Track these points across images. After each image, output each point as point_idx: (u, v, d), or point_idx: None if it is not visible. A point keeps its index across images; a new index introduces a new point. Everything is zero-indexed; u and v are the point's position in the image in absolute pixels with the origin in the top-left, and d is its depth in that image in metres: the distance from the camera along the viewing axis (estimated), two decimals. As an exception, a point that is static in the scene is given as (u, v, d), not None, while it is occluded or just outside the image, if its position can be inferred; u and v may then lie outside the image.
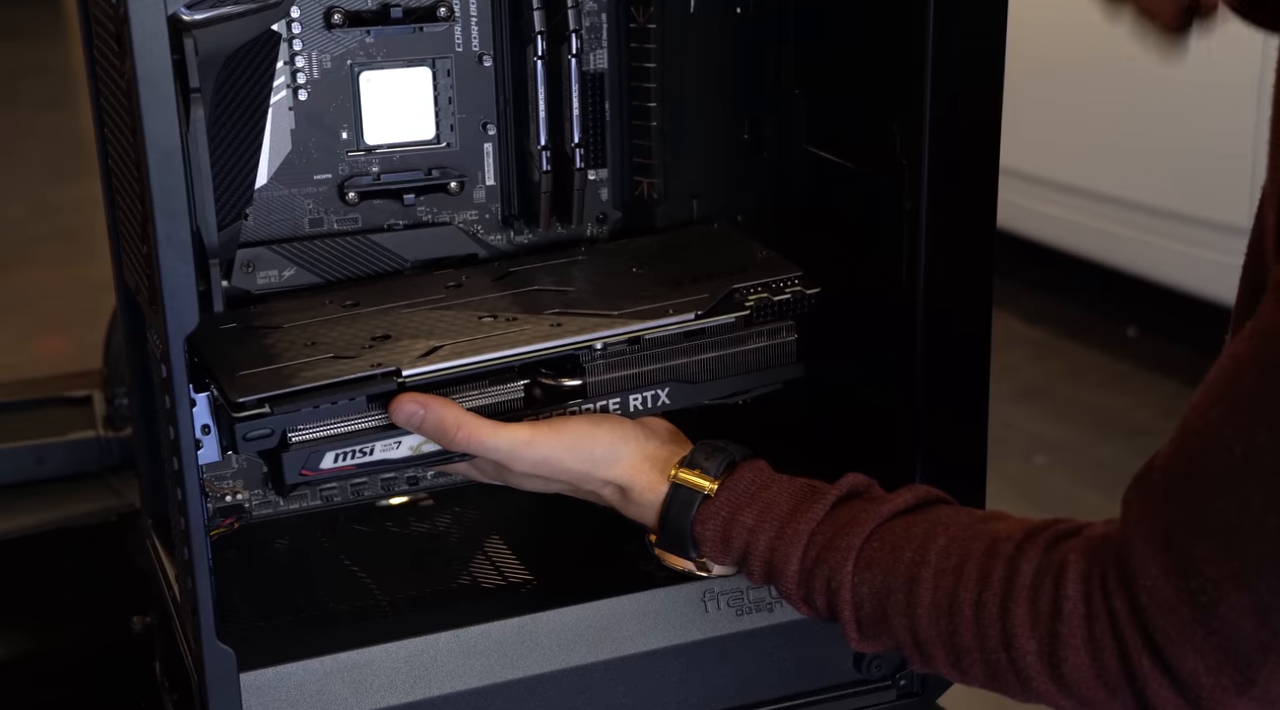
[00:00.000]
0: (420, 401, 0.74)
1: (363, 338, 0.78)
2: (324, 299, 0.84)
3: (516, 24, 0.86)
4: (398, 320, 0.80)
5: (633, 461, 0.76)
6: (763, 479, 0.74)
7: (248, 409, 0.72)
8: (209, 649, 0.71)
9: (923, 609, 0.67)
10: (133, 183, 0.71)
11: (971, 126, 0.78)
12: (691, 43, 0.89)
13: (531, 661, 0.79)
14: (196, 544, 0.71)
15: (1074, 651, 0.62)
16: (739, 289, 0.82)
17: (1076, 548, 0.64)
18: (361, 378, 0.74)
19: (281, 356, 0.76)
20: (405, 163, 0.87)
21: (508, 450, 0.75)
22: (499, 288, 0.84)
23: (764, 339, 0.82)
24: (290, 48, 0.83)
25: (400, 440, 0.76)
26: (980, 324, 0.81)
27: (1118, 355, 3.15)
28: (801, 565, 0.71)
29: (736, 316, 0.81)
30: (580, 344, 0.78)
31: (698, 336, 0.80)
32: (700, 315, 0.80)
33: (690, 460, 0.75)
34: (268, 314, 0.82)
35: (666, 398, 0.80)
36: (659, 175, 0.90)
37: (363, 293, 0.84)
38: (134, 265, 0.77)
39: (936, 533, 0.68)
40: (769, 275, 0.83)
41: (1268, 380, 0.56)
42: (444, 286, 0.85)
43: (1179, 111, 2.71)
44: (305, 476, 0.74)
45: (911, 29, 0.76)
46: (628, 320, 0.79)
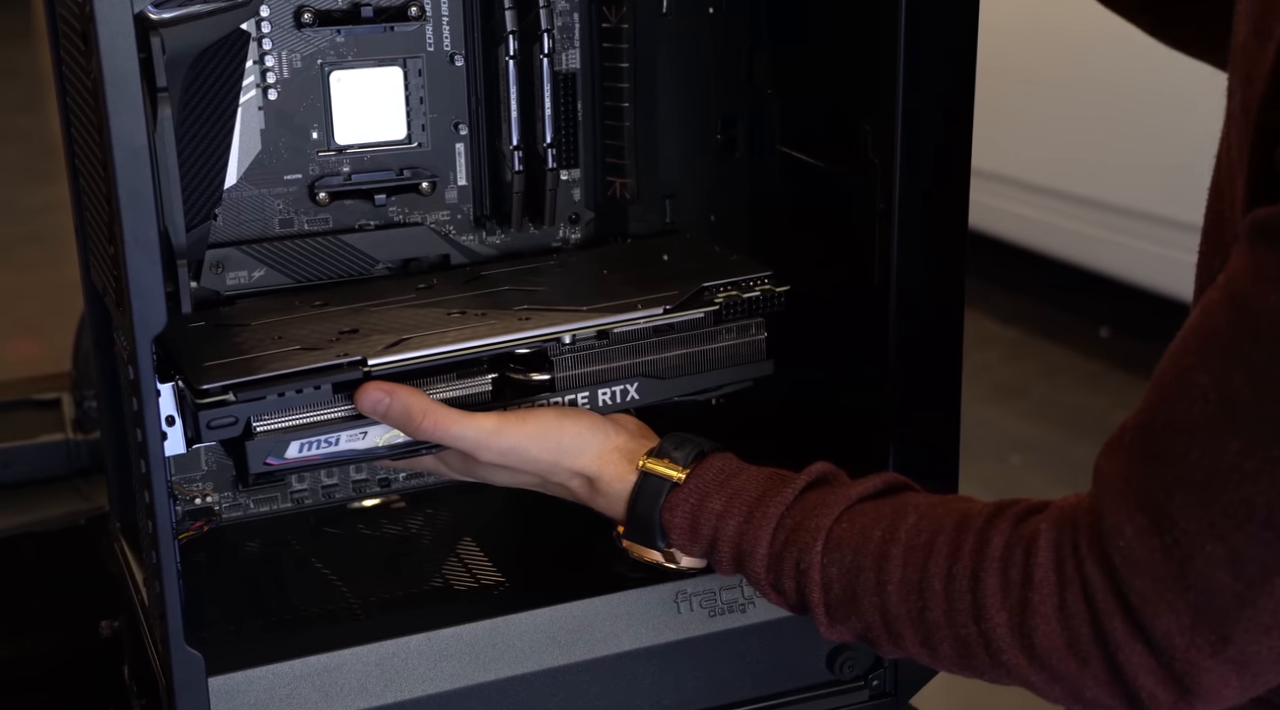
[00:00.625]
0: (386, 389, 0.74)
1: (331, 333, 0.78)
2: (294, 300, 0.83)
3: (488, 23, 0.86)
4: (367, 317, 0.80)
5: (600, 452, 0.75)
6: (731, 468, 0.74)
7: (211, 396, 0.72)
8: (177, 653, 0.71)
9: (893, 586, 0.67)
10: (99, 183, 0.70)
11: (943, 127, 0.78)
12: (664, 43, 0.89)
13: (504, 664, 0.78)
14: (164, 547, 0.70)
15: (1045, 620, 0.62)
16: (708, 287, 0.82)
17: (1047, 517, 0.64)
18: (327, 366, 0.74)
19: (248, 350, 0.76)
20: (376, 163, 0.87)
21: (474, 439, 0.74)
22: (469, 289, 0.84)
23: (733, 336, 0.82)
24: (260, 47, 0.83)
25: (366, 431, 0.75)
26: (952, 323, 0.81)
27: (1092, 355, 3.17)
28: (770, 548, 0.71)
29: (705, 312, 0.81)
30: (548, 336, 0.78)
31: (667, 332, 0.80)
32: (669, 310, 0.80)
33: (659, 450, 0.75)
34: (237, 313, 0.82)
35: (636, 393, 0.80)
36: (632, 175, 0.90)
37: (332, 294, 0.84)
38: (101, 267, 0.76)
39: (906, 512, 0.68)
40: (738, 274, 0.83)
41: (1239, 325, 0.56)
42: (414, 288, 0.84)
43: (1152, 113, 2.72)
44: (270, 466, 0.74)
45: (884, 29, 0.76)
46: (596, 315, 0.79)
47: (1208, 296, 0.59)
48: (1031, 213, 3.18)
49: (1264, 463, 0.55)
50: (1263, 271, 0.55)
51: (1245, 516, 0.56)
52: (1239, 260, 0.57)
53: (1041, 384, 3.06)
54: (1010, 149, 3.04)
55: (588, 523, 0.79)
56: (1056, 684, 0.63)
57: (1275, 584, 0.57)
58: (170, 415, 0.73)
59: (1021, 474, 2.69)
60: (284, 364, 0.74)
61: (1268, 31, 0.57)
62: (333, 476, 0.90)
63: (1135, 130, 2.78)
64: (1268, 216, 0.55)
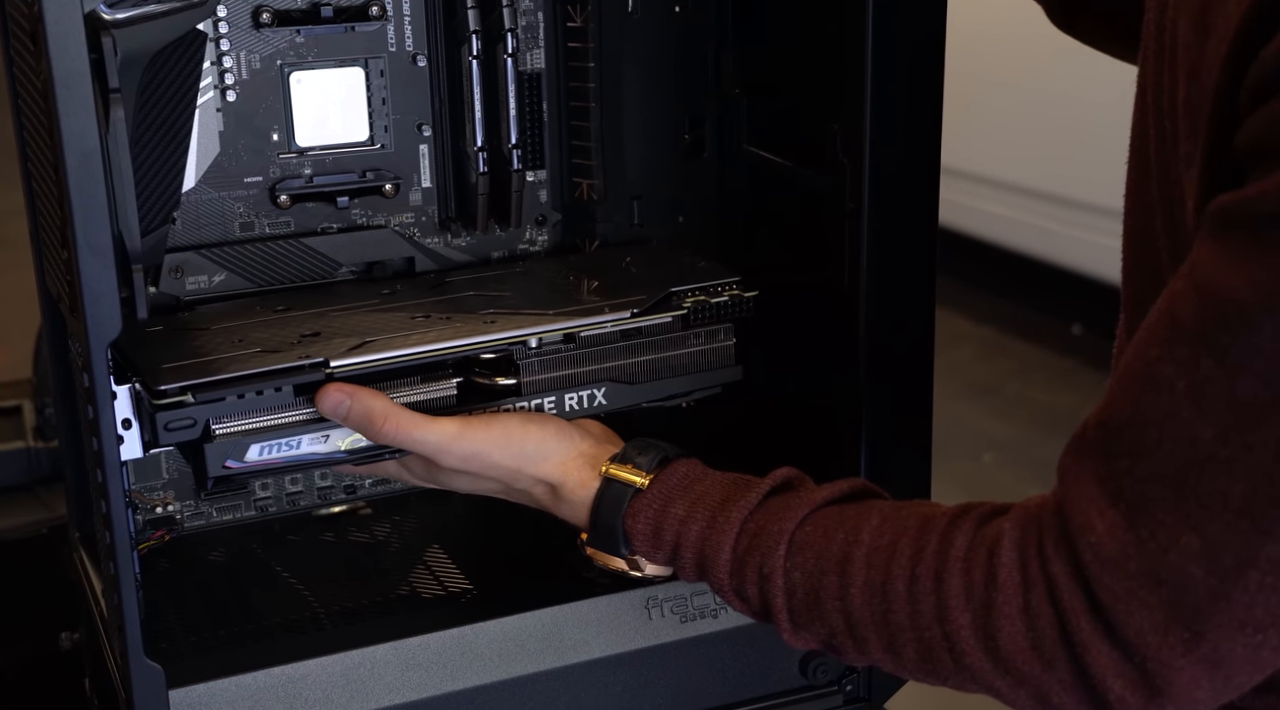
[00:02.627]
0: (347, 391, 0.73)
1: (292, 336, 0.77)
2: (255, 304, 0.82)
3: (451, 23, 0.85)
4: (330, 321, 0.79)
5: (564, 459, 0.74)
6: (695, 473, 0.73)
7: (169, 397, 0.70)
8: (136, 666, 0.69)
9: (856, 588, 0.66)
10: (52, 186, 0.69)
11: (912, 125, 0.77)
12: (630, 42, 0.88)
13: (472, 673, 0.77)
14: (122, 558, 0.69)
15: (1009, 621, 0.61)
16: (676, 292, 0.81)
17: (1011, 518, 0.63)
18: (288, 368, 0.73)
19: (208, 352, 0.75)
20: (338, 165, 0.85)
21: (436, 444, 0.73)
22: (434, 295, 0.83)
23: (702, 341, 0.81)
24: (217, 47, 0.81)
25: (328, 434, 0.74)
26: (924, 323, 0.80)
27: (1064, 353, 3.18)
28: (734, 553, 0.70)
29: (674, 316, 0.80)
30: (514, 339, 0.77)
31: (635, 336, 0.79)
32: (636, 314, 0.79)
33: (623, 456, 0.74)
34: (196, 318, 0.80)
35: (603, 398, 0.79)
36: (598, 176, 0.89)
37: (295, 299, 0.83)
38: (55, 272, 0.75)
39: (869, 515, 0.68)
40: (706, 280, 0.82)
41: (1208, 311, 0.55)
42: (378, 294, 0.83)
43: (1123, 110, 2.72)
44: (229, 469, 0.72)
45: (851, 28, 0.75)
46: (563, 318, 0.78)
47: (1171, 288, 0.58)
48: (1002, 210, 3.19)
49: (1238, 449, 0.55)
50: (1229, 257, 0.55)
51: (1220, 506, 0.55)
52: (1203, 249, 0.56)
53: (1014, 382, 3.07)
54: (980, 146, 3.04)
55: (556, 529, 0.78)
56: (1021, 688, 0.62)
57: (1249, 577, 0.56)
58: (127, 418, 0.72)
59: (994, 472, 2.69)
60: (244, 366, 0.73)
61: (1209, 27, 0.56)
62: (297, 483, 0.89)
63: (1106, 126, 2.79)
64: (1231, 203, 0.55)
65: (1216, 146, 0.57)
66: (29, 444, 1.14)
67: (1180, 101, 0.60)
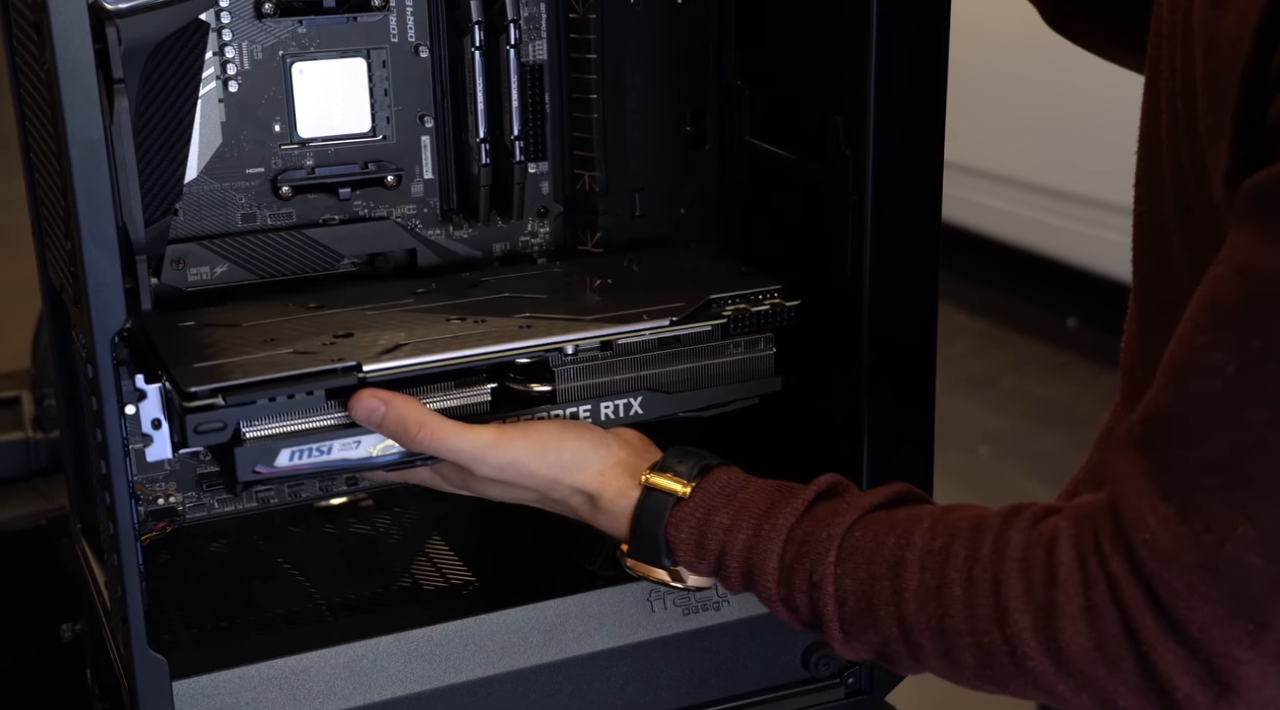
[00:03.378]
0: (381, 398, 0.71)
1: (324, 335, 0.75)
2: (287, 301, 0.81)
3: (453, 13, 0.85)
4: (362, 320, 0.78)
5: (602, 468, 0.73)
6: (738, 480, 0.71)
7: (200, 399, 0.69)
8: (140, 657, 0.69)
9: (910, 593, 0.64)
10: (55, 177, 0.68)
11: (915, 118, 0.77)
12: (632, 34, 0.87)
13: (475, 665, 0.77)
14: (126, 550, 0.69)
15: (1071, 621, 0.59)
16: (716, 299, 0.79)
17: (1066, 516, 0.61)
18: (320, 371, 0.71)
19: (238, 351, 0.73)
20: (340, 156, 0.85)
21: (471, 452, 0.72)
22: (470, 295, 0.82)
23: (741, 350, 0.79)
24: (220, 38, 0.81)
25: (360, 440, 0.72)
26: (925, 315, 0.80)
27: (1059, 346, 3.18)
28: (781, 561, 0.68)
29: (713, 325, 0.78)
30: (550, 346, 0.75)
31: (673, 345, 0.78)
32: (675, 322, 0.77)
33: (662, 464, 0.72)
34: (227, 313, 0.79)
35: (639, 407, 0.77)
36: (600, 168, 0.89)
37: (327, 295, 0.82)
38: (58, 263, 0.74)
39: (920, 518, 0.66)
40: (746, 287, 0.80)
41: (1254, 293, 0.54)
42: (413, 292, 0.82)
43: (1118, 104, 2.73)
44: (259, 474, 0.71)
45: (854, 20, 0.75)
46: (600, 324, 0.76)
47: (1211, 274, 0.57)
48: (999, 204, 3.19)
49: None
50: (1267, 236, 0.54)
51: (1277, 492, 0.54)
52: (1239, 232, 0.55)
53: (1010, 375, 3.07)
54: (977, 140, 3.04)
55: (558, 522, 0.78)
56: (1085, 691, 0.60)
57: None
58: (156, 419, 0.71)
59: (990, 465, 2.69)
60: (275, 367, 0.71)
61: (1224, 1, 0.56)
62: (298, 475, 0.89)
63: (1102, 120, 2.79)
64: (1265, 180, 0.54)
65: (1247, 118, 0.56)
66: (28, 435, 1.14)
67: (1198, 78, 0.59)
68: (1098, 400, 2.84)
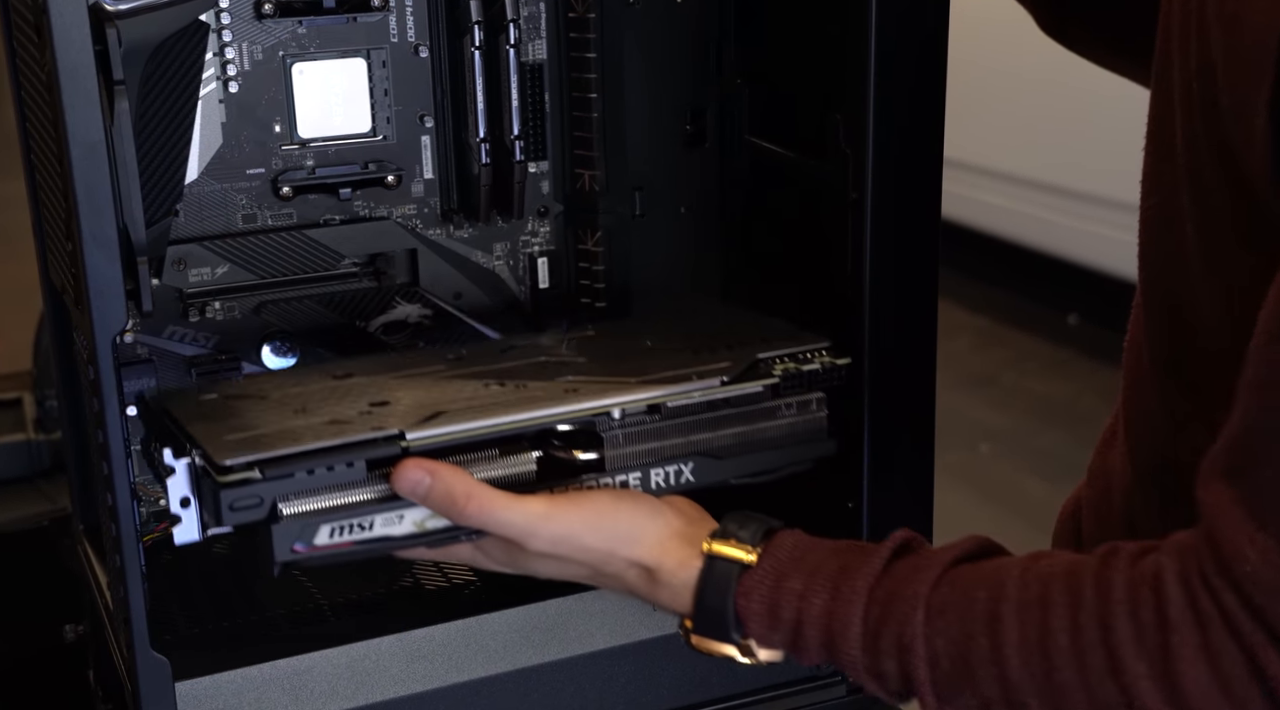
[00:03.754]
0: (427, 468, 0.67)
1: (358, 404, 0.71)
2: (312, 370, 0.78)
3: (453, 13, 0.85)
4: (396, 388, 0.74)
5: (659, 538, 0.68)
6: (805, 542, 0.67)
7: (235, 473, 0.65)
8: (142, 658, 0.69)
9: (1010, 649, 0.59)
10: (56, 178, 0.69)
11: (915, 115, 0.77)
12: (631, 32, 0.88)
13: (477, 664, 0.77)
14: (128, 551, 0.69)
15: (1191, 664, 0.55)
16: (764, 359, 0.76)
17: (1165, 551, 0.58)
18: (361, 441, 0.67)
19: (270, 422, 0.70)
20: (340, 156, 0.85)
21: (523, 525, 0.67)
22: (503, 360, 0.78)
23: (794, 412, 0.75)
24: (220, 38, 0.81)
25: (403, 513, 0.68)
26: (926, 312, 0.80)
27: (1060, 343, 3.18)
28: (865, 625, 0.63)
29: (764, 385, 0.74)
30: (598, 410, 0.71)
31: (723, 407, 0.74)
32: (726, 382, 0.74)
33: (723, 531, 0.68)
34: (251, 385, 0.76)
35: (691, 474, 0.73)
36: (600, 167, 0.89)
37: (355, 365, 0.78)
38: (59, 264, 0.74)
39: (1009, 568, 0.62)
40: (794, 345, 0.77)
41: None
42: (443, 359, 0.78)
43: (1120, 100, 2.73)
44: (297, 553, 0.67)
45: (853, 17, 0.75)
46: (648, 387, 0.72)
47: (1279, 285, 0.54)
48: (1000, 201, 3.19)
49: None
50: None
51: None
52: None
53: (1010, 372, 3.08)
54: (977, 137, 3.04)
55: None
56: None
57: None
58: (185, 497, 0.68)
59: (990, 462, 2.70)
60: (311, 438, 0.67)
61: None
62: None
63: (1103, 117, 2.79)
64: None
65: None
66: (29, 436, 1.14)
67: (1217, 57, 0.58)
68: (1099, 397, 2.84)
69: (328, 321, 0.86)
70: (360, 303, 0.87)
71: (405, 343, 0.88)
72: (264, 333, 0.85)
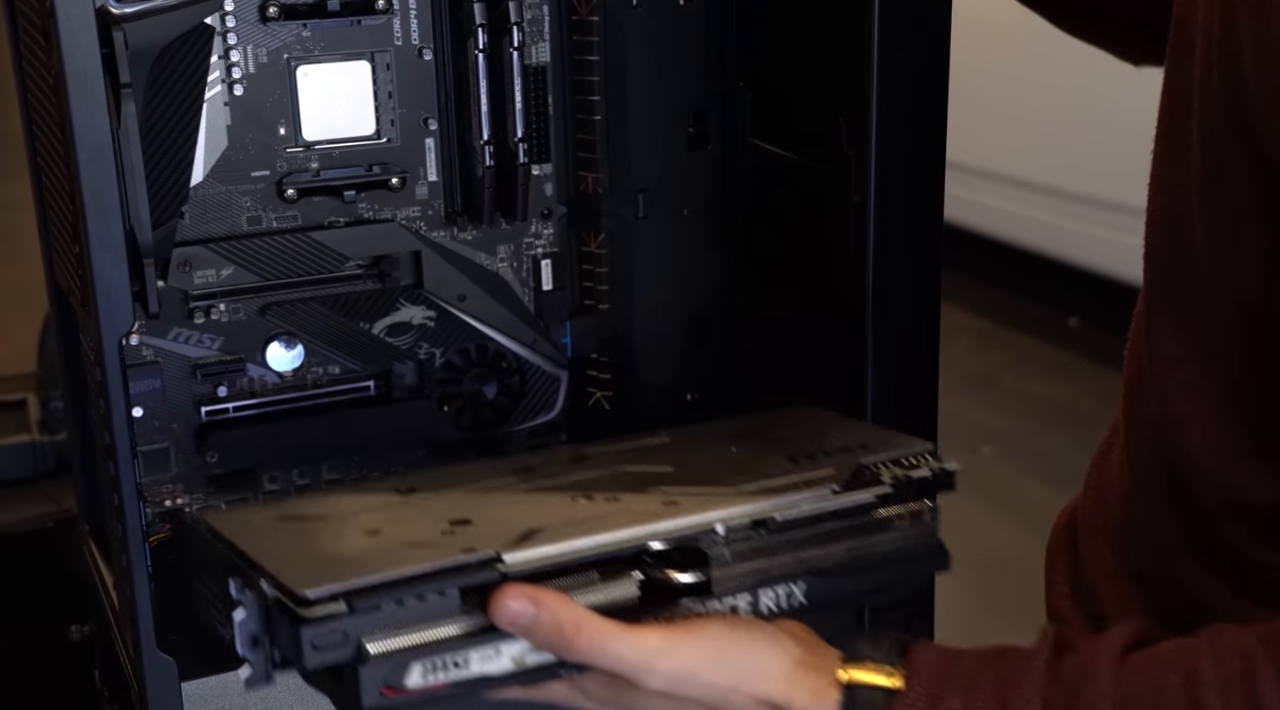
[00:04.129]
0: (530, 596, 0.59)
1: (437, 523, 0.64)
2: (369, 487, 0.71)
3: (456, 16, 0.85)
4: (473, 505, 0.66)
5: (785, 670, 0.62)
6: (948, 655, 0.62)
7: (319, 606, 0.57)
8: (149, 658, 0.70)
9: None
10: (63, 181, 0.69)
11: (917, 117, 0.77)
12: (634, 35, 0.88)
13: (481, 664, 0.77)
14: (134, 551, 0.69)
15: None
16: (866, 464, 0.68)
17: None
18: (454, 567, 0.59)
19: (341, 547, 0.63)
20: (345, 159, 0.86)
21: (638, 660, 0.60)
22: (578, 470, 0.71)
23: (905, 523, 0.68)
24: (225, 41, 0.81)
25: (500, 648, 0.60)
26: (928, 315, 0.80)
27: (1061, 345, 3.19)
28: None
29: (876, 494, 0.67)
30: (703, 526, 0.63)
31: (830, 520, 0.66)
32: (837, 492, 0.66)
33: (854, 654, 0.62)
34: (306, 505, 0.68)
35: (803, 596, 0.65)
36: (604, 169, 0.89)
37: (417, 479, 0.71)
38: (66, 266, 0.75)
39: (1194, 647, 0.58)
40: (895, 449, 0.70)
41: None
42: (513, 470, 0.72)
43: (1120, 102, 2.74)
44: (386, 698, 0.59)
45: (856, 19, 0.75)
46: (752, 498, 0.65)
47: None
48: (1000, 203, 3.19)
49: None
50: None
51: None
52: None
53: (1010, 374, 3.08)
54: (978, 140, 3.05)
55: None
56: None
57: None
58: (254, 635, 0.60)
59: (991, 465, 2.70)
60: (395, 564, 0.59)
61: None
62: (305, 476, 0.89)
63: (1104, 120, 2.79)
64: None
65: None
66: (34, 438, 1.14)
67: (1246, 41, 0.57)
68: (1099, 400, 2.84)
69: (332, 323, 0.87)
70: (364, 305, 0.87)
71: (409, 344, 0.88)
72: (268, 335, 0.86)
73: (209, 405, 0.85)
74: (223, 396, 0.85)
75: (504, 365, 0.91)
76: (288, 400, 0.87)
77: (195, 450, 0.85)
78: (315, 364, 0.87)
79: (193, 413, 0.85)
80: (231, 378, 0.85)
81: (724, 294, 0.93)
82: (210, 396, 0.85)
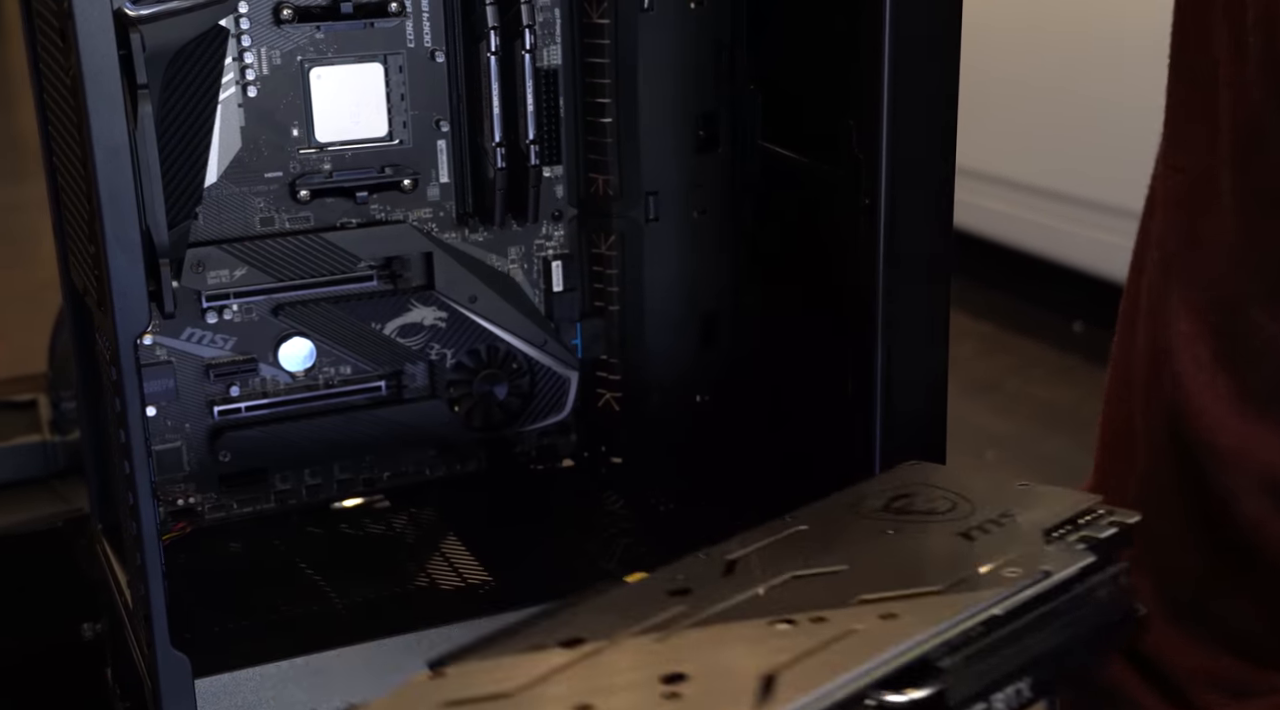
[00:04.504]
0: None
1: (649, 685, 0.53)
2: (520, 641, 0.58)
3: (469, 19, 0.86)
4: (664, 651, 0.55)
5: None
6: None
7: None
8: (163, 656, 0.70)
9: None
10: (79, 182, 0.69)
11: (928, 121, 0.78)
12: (646, 38, 0.88)
13: (492, 663, 0.77)
14: (149, 549, 0.69)
15: None
16: (1051, 530, 0.62)
17: None
18: None
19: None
20: (357, 160, 0.86)
21: None
22: (737, 585, 0.61)
23: (1106, 591, 0.61)
24: (239, 43, 0.82)
25: None
26: (938, 318, 0.81)
27: (1065, 349, 3.19)
28: None
29: (1082, 566, 0.60)
30: (937, 637, 0.55)
31: (1043, 602, 0.59)
32: (1049, 572, 0.59)
33: None
34: (471, 675, 0.56)
35: (1029, 691, 0.58)
36: (614, 172, 0.90)
37: (571, 623, 0.58)
38: (81, 267, 0.75)
39: None
40: (1067, 509, 0.63)
41: None
42: (665, 593, 0.60)
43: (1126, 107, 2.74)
44: None
45: (868, 22, 0.76)
46: (965, 592, 0.58)
47: None
48: (1004, 207, 3.20)
49: None
50: None
51: None
52: None
53: (1014, 378, 3.08)
54: (984, 143, 3.05)
55: (576, 521, 0.79)
56: None
57: None
58: None
59: (996, 469, 2.70)
60: None
61: None
62: (316, 476, 0.90)
63: (1109, 124, 2.79)
64: None
65: None
66: (45, 438, 1.14)
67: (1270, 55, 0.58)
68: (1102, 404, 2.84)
69: (344, 324, 0.87)
70: (376, 306, 0.88)
71: (420, 345, 0.89)
72: (280, 335, 0.86)
73: (221, 405, 0.86)
74: (235, 396, 0.86)
75: (515, 366, 0.91)
76: (299, 400, 0.87)
77: (208, 450, 0.86)
78: (327, 365, 0.88)
79: (205, 412, 0.85)
80: (244, 378, 0.86)
81: (733, 296, 0.93)
82: (223, 396, 0.86)
